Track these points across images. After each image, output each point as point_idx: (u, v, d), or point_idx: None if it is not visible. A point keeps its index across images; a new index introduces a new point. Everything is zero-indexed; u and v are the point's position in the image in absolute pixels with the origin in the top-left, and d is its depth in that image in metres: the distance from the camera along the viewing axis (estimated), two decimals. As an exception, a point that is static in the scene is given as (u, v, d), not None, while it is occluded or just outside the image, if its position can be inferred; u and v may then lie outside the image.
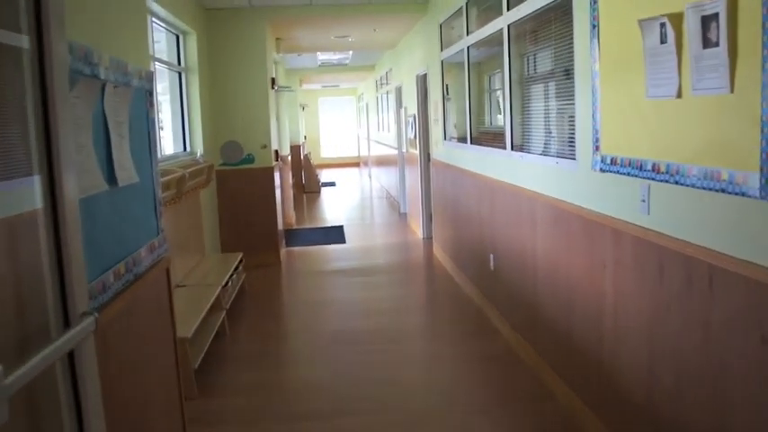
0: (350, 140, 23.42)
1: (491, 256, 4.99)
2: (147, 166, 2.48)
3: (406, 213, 10.49)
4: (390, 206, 12.06)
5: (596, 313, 3.09)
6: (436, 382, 4.09)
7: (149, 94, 2.54)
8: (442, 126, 6.78)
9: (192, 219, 5.81)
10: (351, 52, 12.12)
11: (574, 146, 3.29)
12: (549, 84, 3.80)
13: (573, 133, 3.31)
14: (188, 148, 6.52)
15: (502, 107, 4.38)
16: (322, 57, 12.79)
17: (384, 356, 4.50)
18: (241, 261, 6.20)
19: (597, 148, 2.94)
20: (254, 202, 7.38)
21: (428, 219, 8.37)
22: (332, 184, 17.04)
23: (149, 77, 2.55)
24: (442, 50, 6.57)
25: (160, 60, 5.48)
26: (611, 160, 2.80)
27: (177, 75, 6.41)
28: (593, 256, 3.09)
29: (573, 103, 3.27)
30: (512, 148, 4.36)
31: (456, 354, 4.51)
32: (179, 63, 6.41)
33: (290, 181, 11.15)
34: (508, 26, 4.30)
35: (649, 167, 2.48)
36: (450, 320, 5.33)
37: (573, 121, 3.35)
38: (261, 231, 7.45)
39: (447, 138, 6.64)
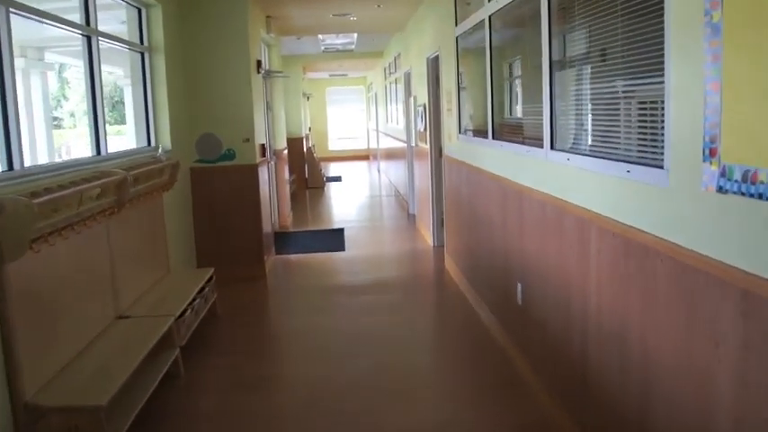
0: (359, 133, 22.28)
1: (519, 285, 3.85)
2: None
3: (415, 215, 9.34)
4: (399, 205, 10.90)
5: (698, 416, 1.96)
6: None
7: None
8: (457, 117, 5.64)
9: (146, 230, 4.71)
10: (355, 35, 10.97)
11: (660, 148, 2.14)
12: (612, 53, 2.64)
13: (659, 128, 2.17)
14: (152, 143, 5.43)
15: (542, 87, 3.22)
16: (325, 41, 11.64)
17: (377, 421, 3.39)
18: (211, 279, 5.10)
19: (712, 153, 1.79)
20: (235, 206, 6.30)
21: (439, 224, 7.22)
22: (338, 179, 15.91)
23: None
24: (457, 25, 5.42)
25: (103, 34, 4.36)
26: (744, 175, 1.66)
27: (140, 56, 5.31)
28: (695, 326, 1.95)
29: (660, 81, 2.12)
30: (551, 147, 3.21)
31: (475, 420, 3.38)
32: (141, 42, 5.31)
33: (287, 177, 10.07)
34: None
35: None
36: (465, 366, 4.18)
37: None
38: (243, 239, 6.35)
39: (462, 131, 5.50)
